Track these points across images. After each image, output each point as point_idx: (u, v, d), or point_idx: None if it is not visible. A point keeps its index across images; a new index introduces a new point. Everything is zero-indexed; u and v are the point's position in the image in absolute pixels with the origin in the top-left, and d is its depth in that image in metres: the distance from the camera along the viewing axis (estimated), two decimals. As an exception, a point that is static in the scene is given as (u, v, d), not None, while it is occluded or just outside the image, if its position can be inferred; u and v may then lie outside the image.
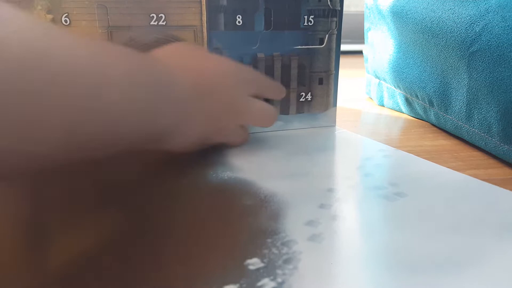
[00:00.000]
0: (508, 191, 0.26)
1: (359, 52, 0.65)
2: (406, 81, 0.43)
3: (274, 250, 0.19)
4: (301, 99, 0.38)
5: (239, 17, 0.34)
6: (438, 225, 0.22)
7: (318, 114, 0.39)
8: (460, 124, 0.36)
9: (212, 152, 0.32)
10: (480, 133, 0.34)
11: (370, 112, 0.48)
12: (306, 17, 0.36)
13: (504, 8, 0.30)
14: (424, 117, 0.43)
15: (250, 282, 0.17)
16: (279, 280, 0.17)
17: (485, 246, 0.20)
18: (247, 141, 0.34)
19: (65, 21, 0.30)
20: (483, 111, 0.33)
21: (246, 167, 0.29)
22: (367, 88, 0.54)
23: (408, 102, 0.45)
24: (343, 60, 0.86)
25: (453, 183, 0.27)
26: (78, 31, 0.31)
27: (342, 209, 0.23)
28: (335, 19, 0.37)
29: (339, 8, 0.36)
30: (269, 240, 0.20)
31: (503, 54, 0.30)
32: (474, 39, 0.33)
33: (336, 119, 0.40)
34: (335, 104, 0.39)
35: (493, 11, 0.31)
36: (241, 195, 0.25)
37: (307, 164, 0.30)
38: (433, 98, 0.39)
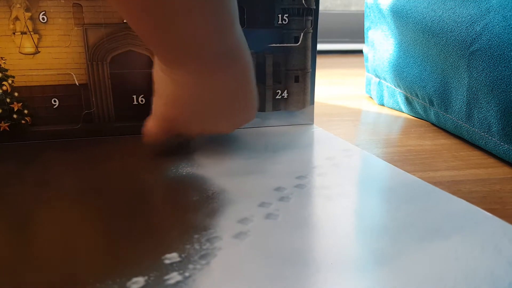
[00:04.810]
0: (452, 196, 0.25)
1: (359, 51, 0.65)
2: (406, 80, 0.43)
3: (196, 246, 0.20)
4: (277, 97, 0.38)
5: None
6: (363, 226, 0.22)
7: (295, 112, 0.39)
8: (460, 124, 0.36)
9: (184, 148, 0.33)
10: (480, 132, 0.34)
11: (370, 111, 0.48)
12: (280, 15, 0.36)
13: (505, 8, 0.30)
14: (424, 116, 0.43)
15: (159, 275, 0.17)
16: (187, 274, 0.18)
17: (401, 249, 0.20)
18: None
19: (43, 18, 0.31)
20: (483, 110, 0.33)
21: (206, 164, 0.29)
22: (367, 87, 0.54)
23: (408, 101, 0.45)
24: (344, 59, 0.86)
25: (403, 185, 0.27)
26: (55, 28, 0.32)
27: (279, 208, 0.23)
28: (310, 18, 0.37)
29: (314, 7, 0.37)
30: (196, 236, 0.20)
31: (504, 53, 0.30)
32: (475, 39, 0.33)
33: (336, 118, 0.40)
34: (312, 102, 0.39)
35: (494, 11, 0.31)
36: (191, 191, 0.26)
37: (267, 162, 0.30)
38: (433, 97, 0.39)
